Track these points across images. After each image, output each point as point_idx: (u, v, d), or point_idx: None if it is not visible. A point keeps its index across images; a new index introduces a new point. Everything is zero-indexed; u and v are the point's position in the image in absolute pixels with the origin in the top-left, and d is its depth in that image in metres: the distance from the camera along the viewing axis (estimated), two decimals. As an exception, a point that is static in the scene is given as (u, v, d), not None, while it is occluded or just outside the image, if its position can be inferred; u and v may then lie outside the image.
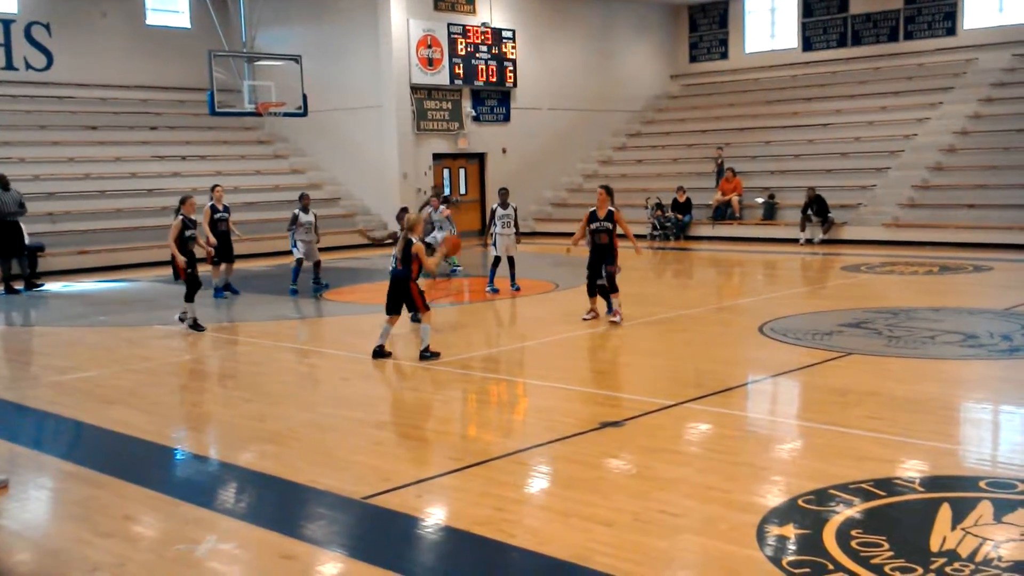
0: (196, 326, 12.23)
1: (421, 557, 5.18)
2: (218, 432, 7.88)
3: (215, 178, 24.33)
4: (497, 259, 15.02)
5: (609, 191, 12.05)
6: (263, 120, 26.19)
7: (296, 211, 15.79)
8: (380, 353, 10.18)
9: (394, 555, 5.06)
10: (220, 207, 15.51)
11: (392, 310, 10.20)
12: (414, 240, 10.08)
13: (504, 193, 14.95)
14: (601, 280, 11.86)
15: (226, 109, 22.44)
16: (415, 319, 11.42)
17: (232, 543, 5.30)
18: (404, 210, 12.68)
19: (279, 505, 5.98)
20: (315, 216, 15.84)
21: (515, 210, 14.85)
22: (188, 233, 12.42)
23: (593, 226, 11.87)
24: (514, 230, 14.75)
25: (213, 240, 14.38)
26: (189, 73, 25.75)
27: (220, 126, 26.01)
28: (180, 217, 12.41)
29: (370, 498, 5.87)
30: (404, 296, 10.11)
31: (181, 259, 12.27)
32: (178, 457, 7.15)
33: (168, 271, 13.69)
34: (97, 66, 25.25)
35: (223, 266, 15.37)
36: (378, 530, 5.50)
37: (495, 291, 14.72)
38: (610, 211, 11.83)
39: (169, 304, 15.20)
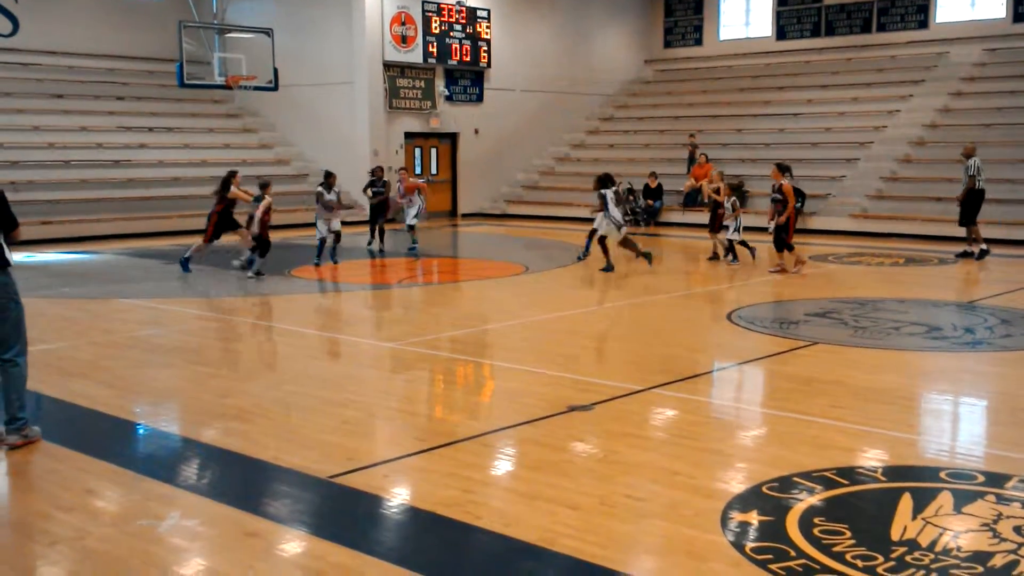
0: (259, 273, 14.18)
1: (386, 537, 5.17)
2: (182, 407, 7.80)
3: (182, 151, 24.13)
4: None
5: (781, 168, 14.74)
6: (233, 93, 25.90)
7: (320, 189, 15.75)
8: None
9: (359, 535, 5.05)
10: None
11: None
12: None
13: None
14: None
15: (195, 81, 22.16)
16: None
17: (195, 519, 5.26)
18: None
19: (243, 482, 5.94)
20: (337, 194, 15.94)
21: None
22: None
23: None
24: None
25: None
26: (158, 43, 25.38)
27: (189, 98, 25.66)
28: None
29: (336, 477, 5.84)
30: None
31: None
32: (141, 432, 7.08)
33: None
34: (64, 33, 24.78)
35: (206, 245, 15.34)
36: (343, 509, 5.48)
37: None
38: (779, 184, 14.53)
39: (132, 277, 15.03)
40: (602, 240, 14.99)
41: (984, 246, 16.88)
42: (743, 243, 15.87)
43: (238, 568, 4.64)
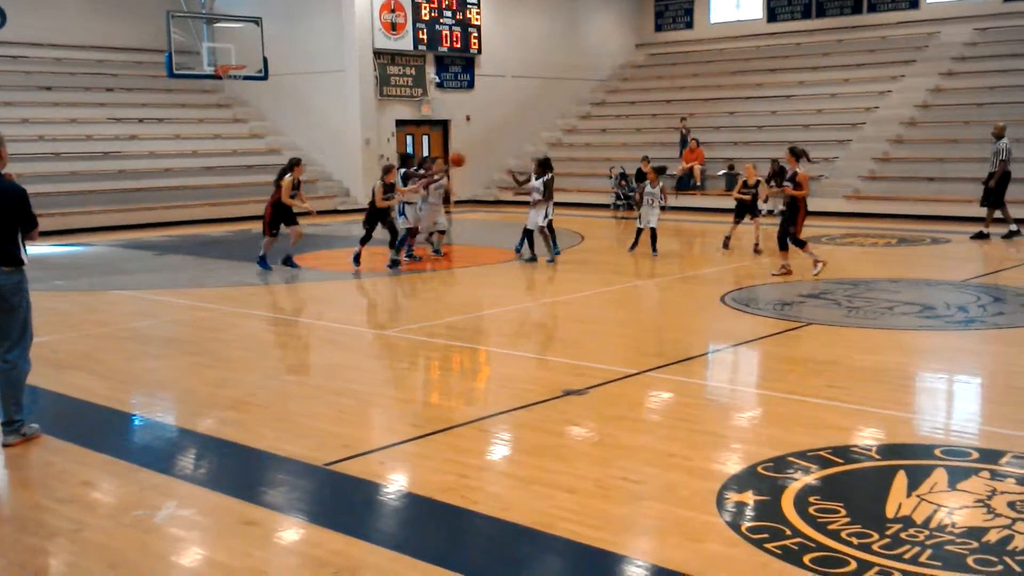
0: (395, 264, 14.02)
1: (383, 523, 5.18)
2: (178, 398, 7.80)
3: (172, 142, 24.03)
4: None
5: (794, 152, 12.68)
6: (222, 83, 25.79)
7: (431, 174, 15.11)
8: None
9: (356, 521, 5.05)
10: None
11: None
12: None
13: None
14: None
15: (185, 71, 22.07)
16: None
17: (192, 509, 5.26)
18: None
19: (240, 471, 5.94)
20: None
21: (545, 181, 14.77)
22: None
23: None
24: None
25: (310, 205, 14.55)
26: (147, 34, 25.25)
27: (178, 88, 25.55)
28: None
29: (332, 464, 5.85)
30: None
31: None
32: (137, 423, 7.07)
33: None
34: (52, 25, 24.64)
35: (270, 239, 14.20)
36: (340, 496, 5.49)
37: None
38: (794, 172, 12.63)
39: (125, 269, 14.99)
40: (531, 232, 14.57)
41: (986, 230, 16.77)
42: (639, 233, 15.14)
43: (236, 556, 4.65)
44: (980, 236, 16.77)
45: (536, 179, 14.50)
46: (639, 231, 15.17)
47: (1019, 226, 16.89)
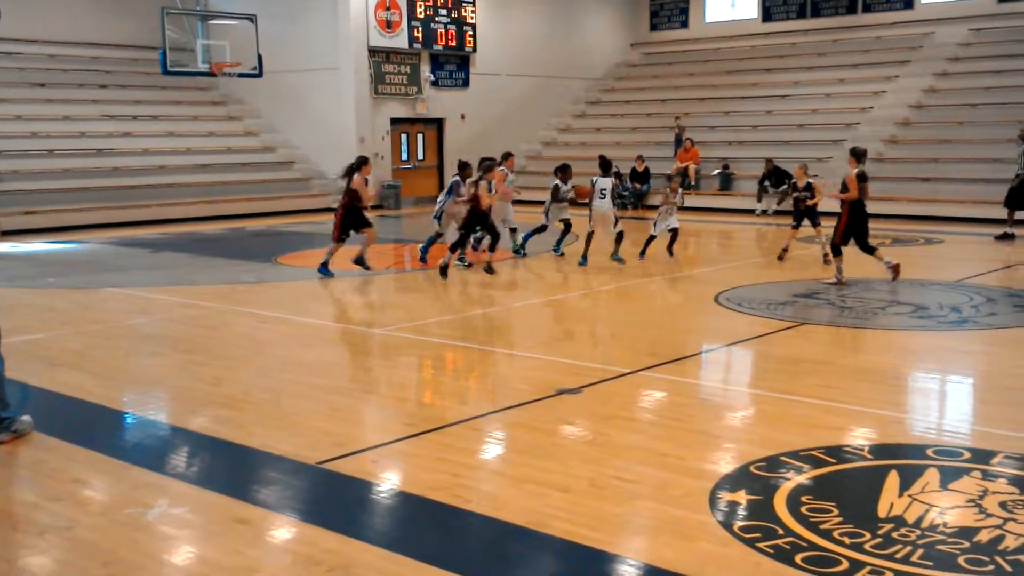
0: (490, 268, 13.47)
1: (376, 522, 5.17)
2: (171, 396, 7.78)
3: (167, 139, 23.99)
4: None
5: (854, 153, 12.71)
6: (217, 80, 25.73)
7: (557, 183, 15.10)
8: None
9: (349, 520, 5.05)
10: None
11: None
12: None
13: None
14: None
15: (179, 68, 22.03)
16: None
17: (184, 507, 5.25)
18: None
19: (232, 469, 5.93)
20: (572, 187, 15.07)
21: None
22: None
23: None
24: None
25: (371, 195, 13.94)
26: (141, 30, 25.17)
27: (173, 86, 25.48)
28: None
29: (325, 463, 5.84)
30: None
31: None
32: (129, 421, 7.05)
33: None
34: (46, 22, 24.54)
35: (336, 244, 13.56)
36: (332, 495, 5.48)
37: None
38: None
39: (119, 267, 14.95)
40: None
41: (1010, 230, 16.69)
42: (650, 241, 14.69)
43: (228, 555, 4.64)
44: (1007, 237, 16.67)
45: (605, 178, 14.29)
46: (670, 233, 14.73)
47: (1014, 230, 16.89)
